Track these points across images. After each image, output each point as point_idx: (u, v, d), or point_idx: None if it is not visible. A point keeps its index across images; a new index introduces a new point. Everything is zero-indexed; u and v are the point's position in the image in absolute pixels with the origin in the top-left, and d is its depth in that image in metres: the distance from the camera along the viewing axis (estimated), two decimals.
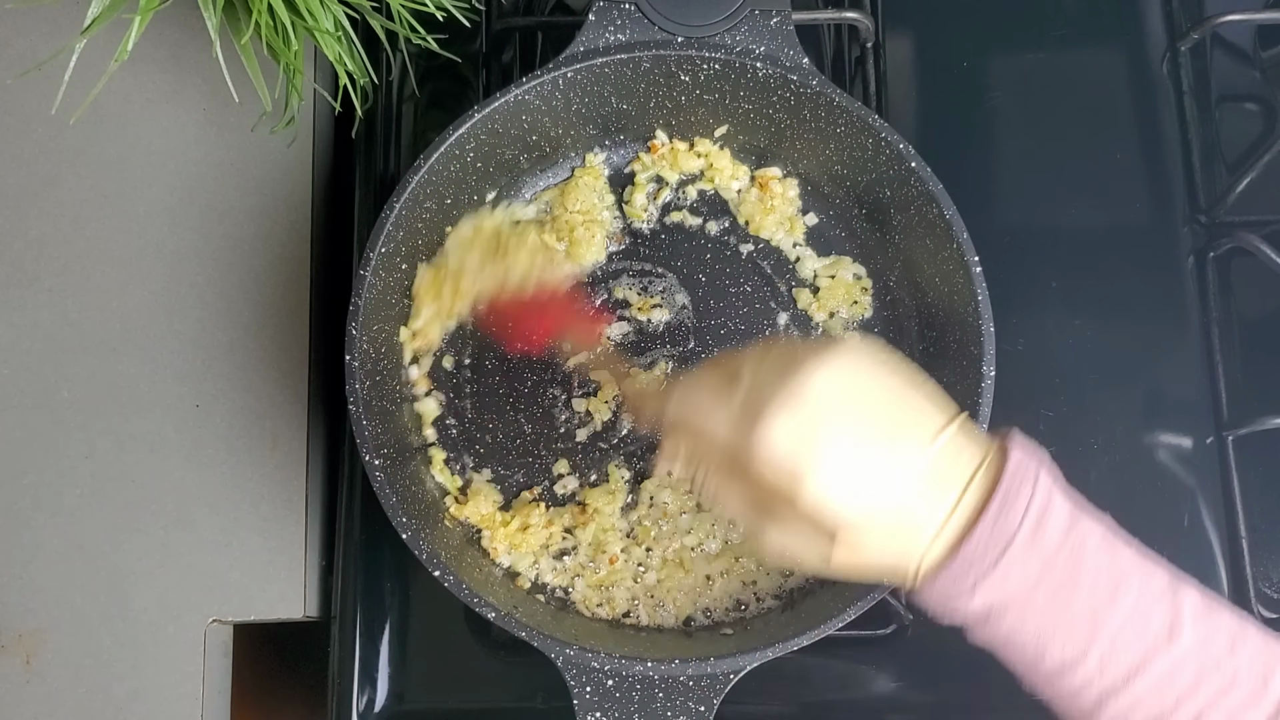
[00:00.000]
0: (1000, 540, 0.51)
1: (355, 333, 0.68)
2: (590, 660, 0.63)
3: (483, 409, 0.75)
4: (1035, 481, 0.52)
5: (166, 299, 0.77)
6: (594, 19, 0.72)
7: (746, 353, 0.56)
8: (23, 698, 0.71)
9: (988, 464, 0.53)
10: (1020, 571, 0.51)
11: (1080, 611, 0.52)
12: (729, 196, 0.79)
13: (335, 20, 0.72)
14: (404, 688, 0.74)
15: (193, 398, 0.76)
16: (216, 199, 0.78)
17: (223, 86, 0.71)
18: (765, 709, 0.74)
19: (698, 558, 0.72)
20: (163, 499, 0.74)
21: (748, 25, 0.72)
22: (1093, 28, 0.85)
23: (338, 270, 0.81)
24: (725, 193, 0.79)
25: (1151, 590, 0.52)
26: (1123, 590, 0.52)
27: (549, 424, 0.75)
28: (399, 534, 0.65)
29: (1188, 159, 0.83)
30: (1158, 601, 0.52)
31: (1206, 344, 0.79)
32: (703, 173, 0.78)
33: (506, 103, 0.71)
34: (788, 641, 0.63)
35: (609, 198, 0.78)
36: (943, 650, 0.74)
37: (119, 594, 0.73)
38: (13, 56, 0.79)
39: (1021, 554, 0.51)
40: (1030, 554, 0.51)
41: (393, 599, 0.75)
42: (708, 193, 0.79)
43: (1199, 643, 0.51)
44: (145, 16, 0.67)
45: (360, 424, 0.66)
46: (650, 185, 0.78)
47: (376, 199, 0.79)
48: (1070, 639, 0.52)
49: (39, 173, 0.78)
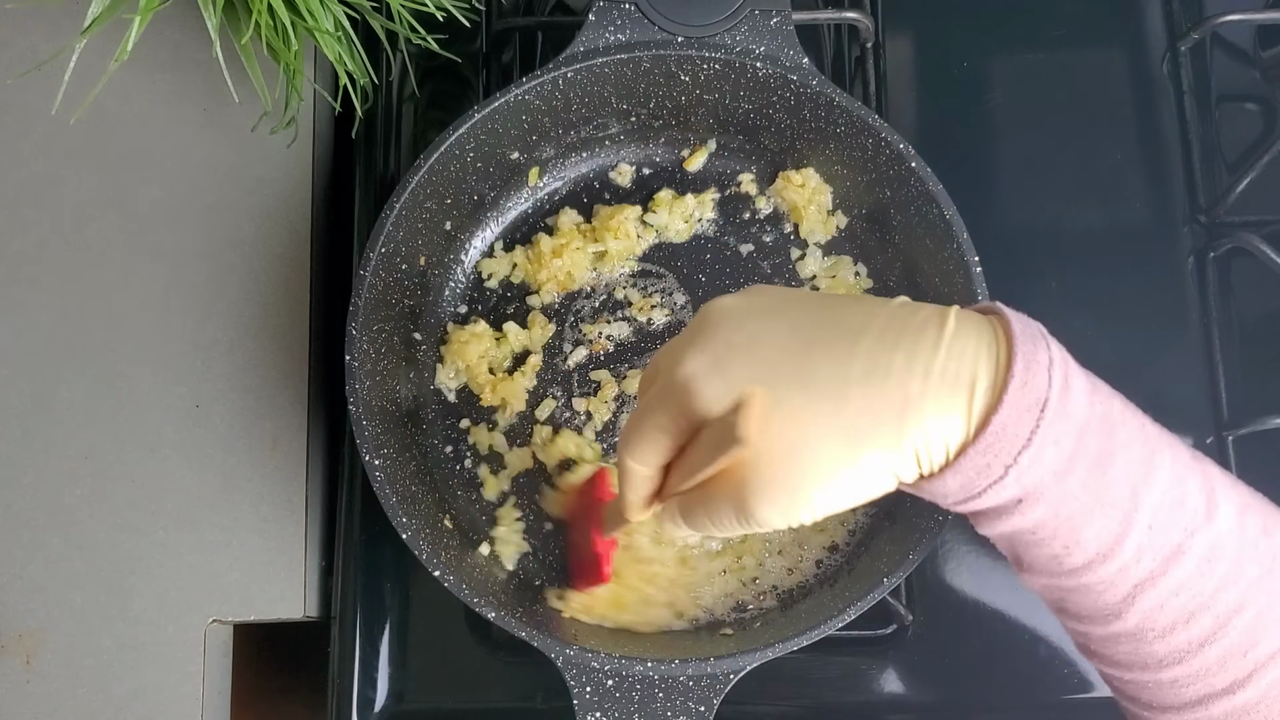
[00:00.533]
0: (1031, 409, 0.44)
1: (355, 333, 0.68)
2: (590, 660, 0.63)
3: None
4: (1047, 344, 0.46)
5: (166, 299, 0.77)
6: (594, 19, 0.72)
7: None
8: (23, 697, 0.71)
9: (980, 326, 0.46)
10: (1055, 446, 0.44)
11: (1118, 490, 0.45)
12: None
13: (335, 20, 0.72)
14: (404, 688, 0.74)
15: (192, 398, 0.76)
16: (216, 199, 0.78)
17: (223, 86, 0.71)
18: (765, 709, 0.74)
19: (699, 556, 0.72)
20: (162, 499, 0.74)
21: (748, 25, 0.72)
22: (1092, 28, 0.85)
23: (338, 270, 0.81)
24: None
25: (1183, 462, 0.46)
26: (1157, 463, 0.46)
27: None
28: (399, 534, 0.65)
29: (1188, 159, 0.83)
30: (1191, 475, 0.46)
31: (1206, 344, 0.79)
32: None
33: (506, 103, 0.71)
34: (788, 641, 0.63)
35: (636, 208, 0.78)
36: (943, 650, 0.74)
37: (119, 594, 0.73)
38: (13, 56, 0.79)
39: (1055, 424, 0.44)
40: (1063, 424, 0.44)
41: (393, 599, 0.75)
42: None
43: (1235, 521, 0.46)
44: (145, 17, 0.67)
45: (360, 424, 0.66)
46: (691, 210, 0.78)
47: (376, 199, 0.79)
48: (1107, 523, 0.45)
49: (39, 173, 0.78)
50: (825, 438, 0.45)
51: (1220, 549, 0.45)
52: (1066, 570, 0.47)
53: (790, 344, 0.46)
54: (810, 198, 0.76)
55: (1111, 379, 0.80)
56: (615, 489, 0.59)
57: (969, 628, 0.74)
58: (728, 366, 0.46)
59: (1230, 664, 0.46)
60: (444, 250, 0.76)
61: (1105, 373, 0.77)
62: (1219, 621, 0.46)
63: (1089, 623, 0.49)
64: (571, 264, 0.76)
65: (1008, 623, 0.74)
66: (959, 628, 0.75)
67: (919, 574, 0.75)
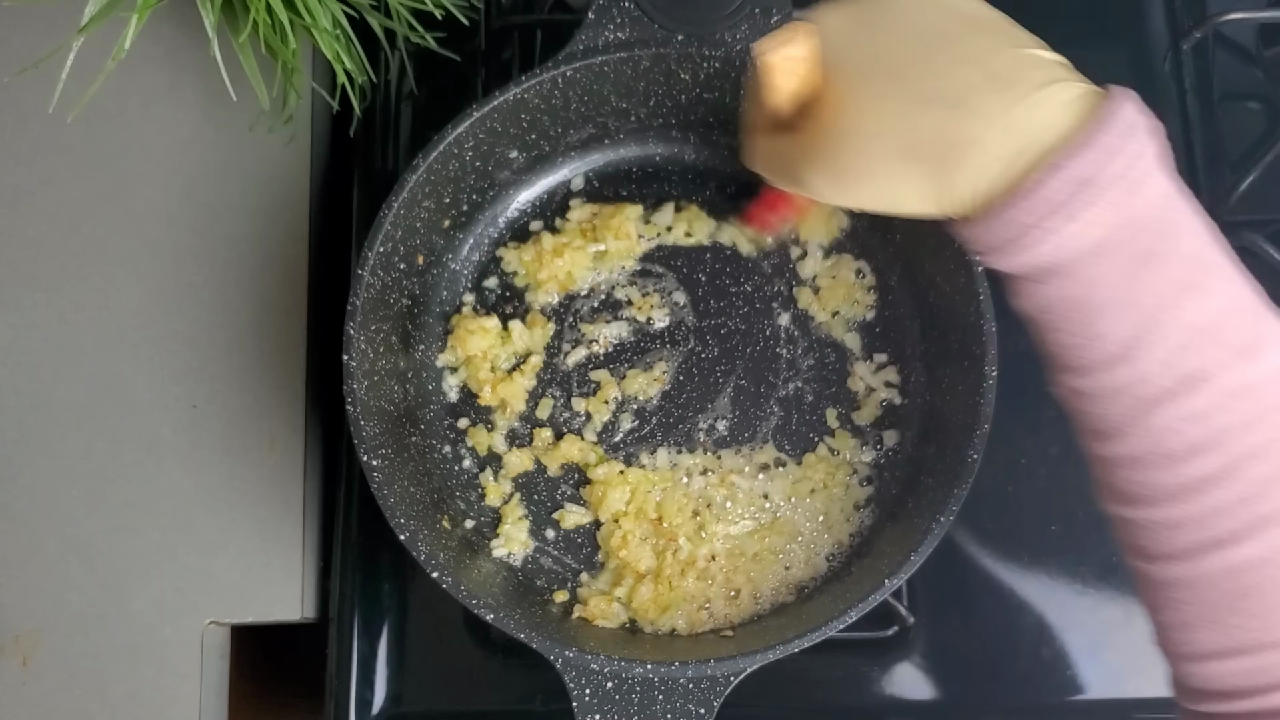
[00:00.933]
0: (1095, 178, 0.43)
1: (353, 333, 0.67)
2: (590, 662, 0.63)
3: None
4: (1142, 135, 0.45)
5: (163, 298, 0.77)
6: (593, 17, 0.71)
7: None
8: (20, 699, 0.71)
9: (1082, 100, 0.45)
10: (1106, 224, 0.44)
11: (1150, 292, 0.44)
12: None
13: (333, 18, 0.71)
14: (402, 690, 0.74)
15: (190, 398, 0.76)
16: (214, 198, 0.78)
17: (220, 85, 0.71)
18: (765, 711, 0.73)
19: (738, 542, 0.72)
20: (159, 500, 0.74)
21: (748, 24, 0.72)
22: (1094, 26, 0.85)
23: (335, 270, 0.80)
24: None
25: (1243, 299, 0.45)
26: (1209, 286, 0.45)
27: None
28: (397, 535, 0.64)
29: (1190, 158, 0.82)
30: (1246, 312, 0.45)
31: None
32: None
33: (505, 101, 0.70)
34: (788, 644, 0.63)
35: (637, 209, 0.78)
36: (945, 652, 0.74)
37: (116, 595, 0.73)
38: (10, 54, 0.79)
39: (1115, 202, 0.43)
40: (1124, 206, 0.43)
41: (391, 600, 0.74)
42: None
43: (1276, 372, 0.44)
44: (143, 15, 0.67)
45: (358, 424, 0.66)
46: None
47: (374, 198, 0.78)
48: (1126, 323, 0.44)
49: (36, 171, 0.78)
50: (879, 137, 0.47)
51: (1251, 391, 0.44)
52: (1087, 362, 0.46)
53: (903, 44, 0.48)
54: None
55: None
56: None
57: (971, 630, 0.74)
58: (835, 37, 0.49)
59: (1233, 512, 0.45)
60: (442, 249, 0.76)
61: None
62: (1230, 463, 0.44)
63: (1102, 441, 0.48)
64: (571, 263, 0.75)
65: (1009, 625, 0.74)
66: (961, 630, 0.74)
67: (921, 575, 0.74)
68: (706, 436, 0.74)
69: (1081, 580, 0.74)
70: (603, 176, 0.79)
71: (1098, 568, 0.74)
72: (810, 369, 0.75)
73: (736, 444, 0.74)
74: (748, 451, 0.73)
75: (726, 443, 0.74)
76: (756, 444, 0.74)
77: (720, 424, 0.74)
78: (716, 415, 0.74)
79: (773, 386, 0.75)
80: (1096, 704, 0.73)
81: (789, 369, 0.75)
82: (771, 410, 0.74)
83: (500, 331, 0.75)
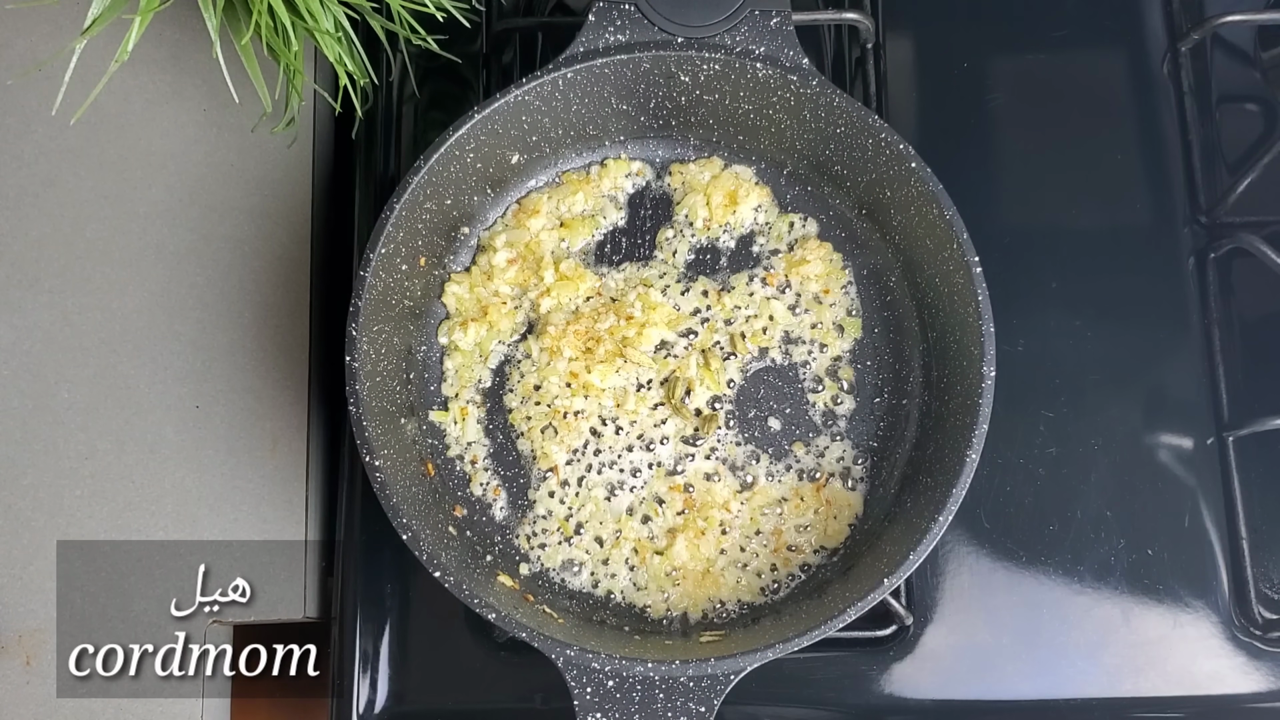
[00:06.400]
0: None
1: (355, 334, 0.68)
2: (590, 661, 0.63)
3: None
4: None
5: (166, 300, 0.77)
6: (594, 20, 0.72)
7: None
8: (23, 698, 0.71)
9: None
10: None
11: None
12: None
13: (335, 21, 0.72)
14: (404, 688, 0.74)
15: (193, 399, 0.76)
16: (216, 200, 0.78)
17: (223, 87, 0.71)
18: (765, 709, 0.74)
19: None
20: (162, 500, 0.74)
21: (748, 26, 0.72)
22: (1093, 28, 0.85)
23: (338, 271, 0.81)
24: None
25: None
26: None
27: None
28: (399, 535, 0.65)
29: (1188, 159, 0.83)
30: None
31: (1207, 344, 0.79)
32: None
33: (506, 103, 0.71)
34: (788, 642, 0.63)
35: (620, 208, 0.78)
36: (943, 651, 0.74)
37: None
38: (13, 57, 0.79)
39: None
40: None
41: (393, 600, 0.75)
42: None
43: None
44: (145, 17, 0.67)
45: (360, 425, 0.66)
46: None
47: (376, 200, 0.79)
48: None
49: (39, 173, 0.78)
50: None
51: None
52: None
53: None
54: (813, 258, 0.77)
55: (1112, 379, 0.80)
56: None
57: (969, 629, 0.74)
58: None
59: None
60: (444, 251, 0.76)
61: (1106, 372, 0.78)
62: None
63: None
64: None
65: (1007, 624, 0.74)
66: (959, 629, 0.74)
67: (919, 575, 0.75)
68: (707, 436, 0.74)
69: (1079, 580, 0.75)
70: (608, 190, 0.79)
71: (1095, 568, 0.75)
72: (809, 369, 0.75)
73: (737, 443, 0.74)
74: (748, 450, 0.74)
75: (728, 441, 0.74)
76: (756, 444, 0.74)
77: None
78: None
79: (773, 387, 0.75)
80: (1094, 703, 0.73)
81: (789, 369, 0.75)
82: (771, 410, 0.75)
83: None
